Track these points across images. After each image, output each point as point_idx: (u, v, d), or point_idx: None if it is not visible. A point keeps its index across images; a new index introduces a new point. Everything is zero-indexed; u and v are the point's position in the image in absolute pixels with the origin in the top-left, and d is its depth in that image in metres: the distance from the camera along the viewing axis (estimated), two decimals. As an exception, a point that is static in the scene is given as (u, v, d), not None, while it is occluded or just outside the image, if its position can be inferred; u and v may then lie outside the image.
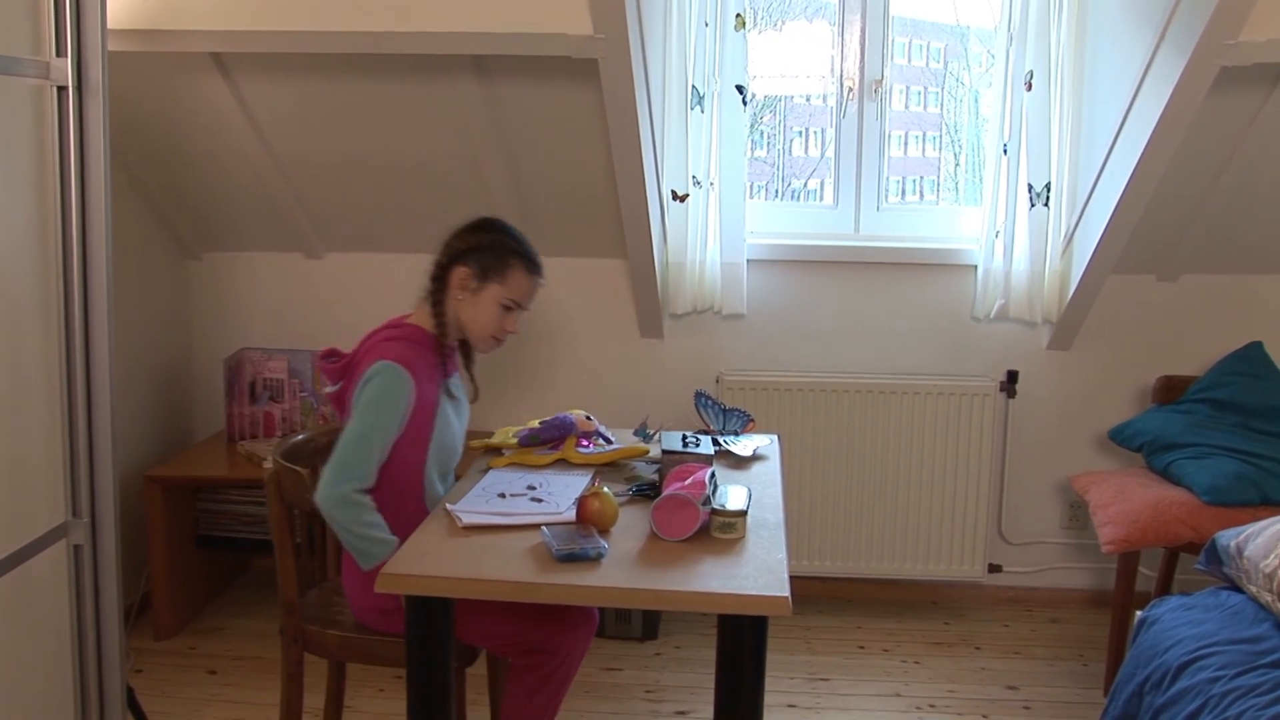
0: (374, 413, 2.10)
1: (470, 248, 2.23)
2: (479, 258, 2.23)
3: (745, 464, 2.47)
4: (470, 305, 2.25)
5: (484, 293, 2.24)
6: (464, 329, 2.29)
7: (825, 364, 3.55)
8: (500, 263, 2.24)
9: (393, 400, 2.11)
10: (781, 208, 3.64)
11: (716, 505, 1.97)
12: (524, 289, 2.27)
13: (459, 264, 2.24)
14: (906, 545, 3.51)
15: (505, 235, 2.27)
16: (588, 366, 3.64)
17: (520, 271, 2.26)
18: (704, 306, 3.48)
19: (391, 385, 2.12)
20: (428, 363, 2.20)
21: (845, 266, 3.51)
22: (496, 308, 2.25)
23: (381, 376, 2.12)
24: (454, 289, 2.25)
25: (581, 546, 1.84)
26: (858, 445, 3.46)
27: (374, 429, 2.10)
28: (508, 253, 2.25)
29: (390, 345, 2.18)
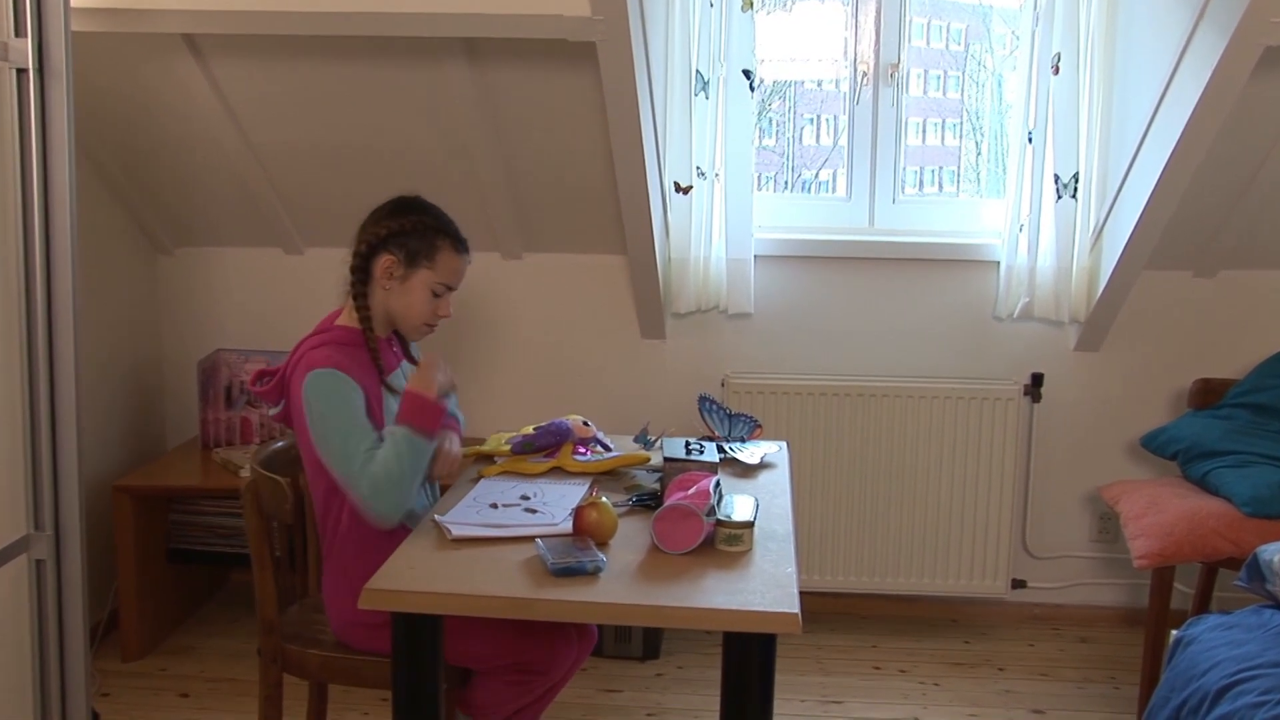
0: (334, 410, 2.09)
1: (392, 233, 2.22)
2: (403, 243, 2.22)
3: (752, 472, 2.46)
4: (399, 294, 2.24)
5: (413, 279, 2.23)
6: (393, 319, 2.28)
7: (837, 366, 3.55)
8: (427, 245, 2.22)
9: (342, 396, 2.10)
10: (791, 200, 3.63)
11: (721, 516, 1.97)
12: (453, 270, 2.26)
13: (382, 252, 2.22)
14: (924, 559, 3.50)
15: (427, 215, 2.25)
16: (585, 369, 3.63)
17: (449, 252, 2.24)
18: (708, 305, 3.47)
19: (332, 387, 2.11)
20: (361, 363, 2.19)
21: (859, 263, 3.51)
22: (427, 293, 2.24)
23: (317, 387, 2.11)
24: (379, 279, 2.23)
25: (578, 560, 1.83)
26: (872, 452, 3.46)
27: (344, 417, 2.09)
28: (433, 234, 2.23)
29: (317, 353, 2.16)
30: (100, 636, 3.36)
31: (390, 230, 2.22)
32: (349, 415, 2.10)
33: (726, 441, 2.62)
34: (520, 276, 3.57)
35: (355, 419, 2.11)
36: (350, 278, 2.25)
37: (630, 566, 1.88)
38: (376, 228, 2.24)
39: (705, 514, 1.94)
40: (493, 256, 3.55)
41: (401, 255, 2.22)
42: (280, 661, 2.26)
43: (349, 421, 2.10)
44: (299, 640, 2.29)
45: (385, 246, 2.22)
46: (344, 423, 2.09)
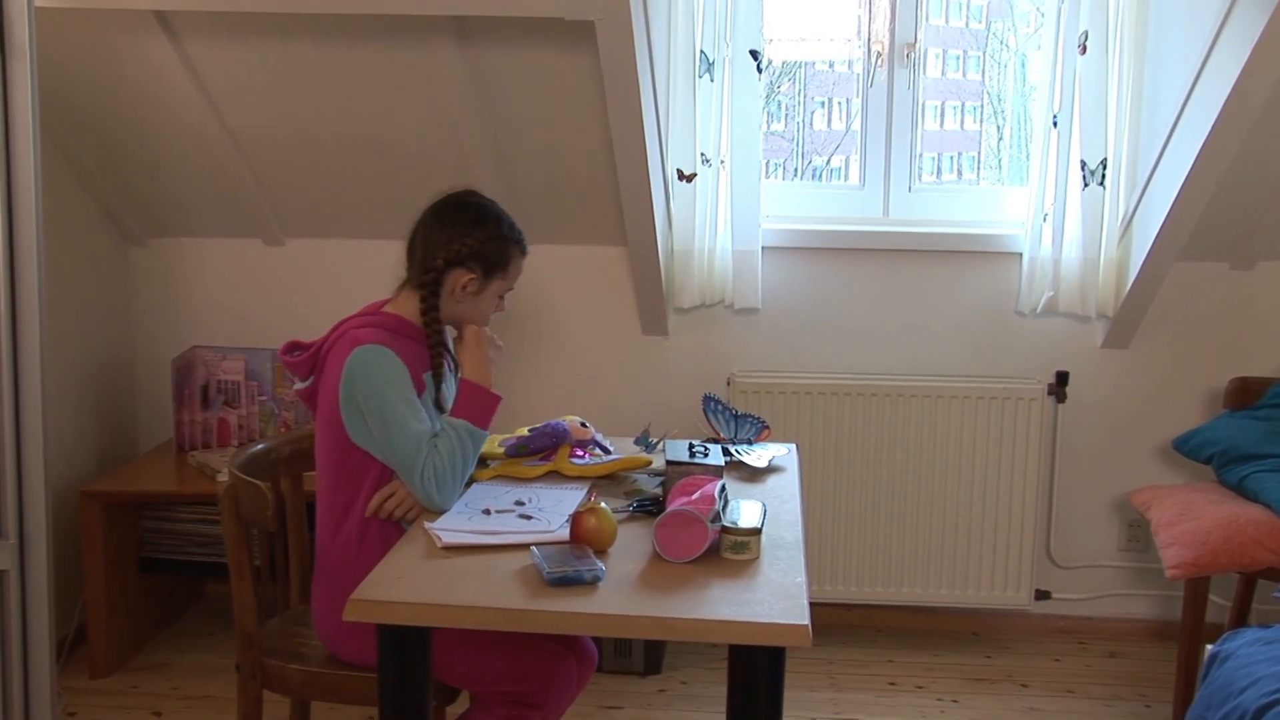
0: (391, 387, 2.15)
1: (472, 252, 2.26)
2: (481, 258, 2.28)
3: (759, 476, 2.46)
4: (471, 304, 2.30)
5: (487, 290, 2.30)
6: (454, 322, 2.33)
7: (850, 364, 3.54)
8: (503, 257, 2.30)
9: (397, 373, 2.16)
10: (801, 188, 3.63)
11: (727, 523, 1.96)
12: (519, 272, 2.35)
13: (459, 268, 2.26)
14: (943, 569, 3.49)
15: (502, 225, 2.31)
16: (583, 367, 3.63)
17: (518, 258, 2.33)
18: (713, 300, 3.46)
19: (383, 363, 2.16)
20: (411, 354, 2.22)
21: (873, 254, 3.50)
22: (494, 299, 2.32)
23: (369, 362, 2.15)
24: (455, 293, 2.28)
25: (576, 569, 1.83)
26: (887, 456, 3.45)
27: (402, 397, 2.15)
28: (507, 243, 2.30)
29: (365, 332, 2.21)
30: (67, 652, 3.35)
31: (470, 249, 2.26)
32: (407, 395, 2.16)
33: (732, 444, 2.61)
34: (514, 269, 3.57)
35: (413, 400, 2.17)
36: (421, 291, 2.28)
37: (631, 576, 1.87)
38: (456, 242, 2.26)
39: (710, 520, 1.93)
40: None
41: (479, 270, 2.28)
42: (260, 677, 2.26)
43: (409, 402, 2.16)
44: (280, 655, 2.28)
45: (463, 262, 2.27)
46: (404, 403, 2.15)
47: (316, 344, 2.28)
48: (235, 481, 2.23)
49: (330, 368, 2.20)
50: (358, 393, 2.15)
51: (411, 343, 2.25)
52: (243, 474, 2.25)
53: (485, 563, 1.93)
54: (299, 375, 2.28)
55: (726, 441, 2.63)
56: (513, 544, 1.99)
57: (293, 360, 2.28)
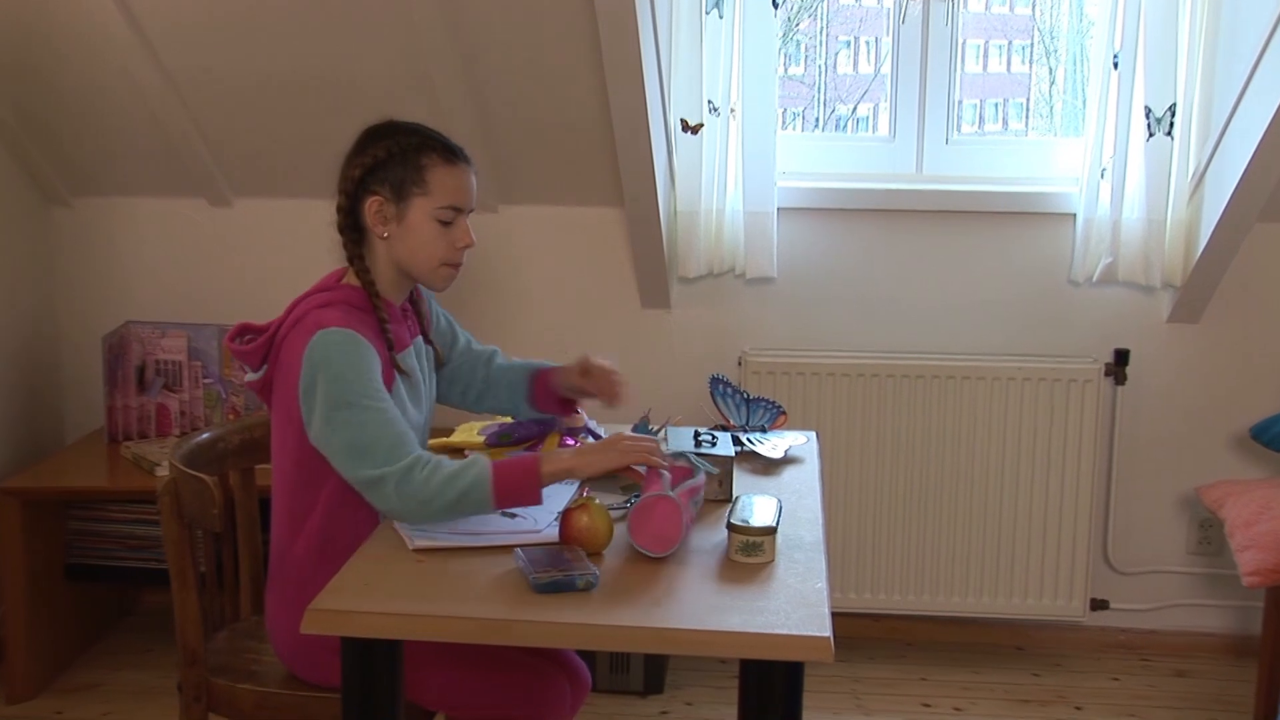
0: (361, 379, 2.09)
1: (368, 169, 2.22)
2: (383, 176, 2.22)
3: (775, 468, 2.47)
4: (401, 238, 2.23)
5: (410, 215, 2.22)
6: (408, 271, 2.27)
7: (878, 341, 3.55)
8: (411, 168, 2.21)
9: (368, 364, 2.11)
10: (823, 141, 3.62)
11: (737, 521, 1.97)
12: (454, 186, 2.24)
13: (364, 195, 2.22)
14: (984, 574, 3.51)
15: (400, 135, 2.24)
16: (573, 345, 3.63)
17: (441, 167, 2.23)
18: (723, 268, 3.47)
19: (350, 350, 2.10)
20: (371, 330, 2.19)
21: (904, 216, 3.50)
22: (433, 225, 2.23)
23: (333, 349, 2.10)
24: (373, 229, 2.23)
25: (566, 573, 1.84)
26: (920, 446, 3.46)
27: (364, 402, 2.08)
28: (414, 151, 2.22)
29: (327, 313, 2.16)
30: (-13, 670, 3.37)
31: (364, 167, 2.22)
32: (379, 390, 2.11)
33: (744, 432, 2.62)
34: (495, 234, 3.57)
35: (378, 396, 2.10)
36: (341, 239, 2.25)
37: (628, 581, 1.88)
38: (349, 170, 2.24)
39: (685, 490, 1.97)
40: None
41: (386, 191, 2.22)
42: (205, 700, 2.26)
43: (383, 399, 2.10)
44: (229, 673, 2.28)
45: (365, 187, 2.22)
46: (377, 400, 2.09)
47: (270, 328, 2.24)
48: (176, 476, 2.23)
49: (287, 356, 2.16)
50: (320, 386, 2.10)
51: (371, 319, 2.22)
52: (185, 467, 2.25)
53: (463, 567, 1.93)
54: (251, 364, 2.24)
55: (737, 429, 2.64)
56: (494, 545, 2.00)
57: (243, 348, 2.24)
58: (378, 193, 2.22)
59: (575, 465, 2.08)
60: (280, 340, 2.20)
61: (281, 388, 2.18)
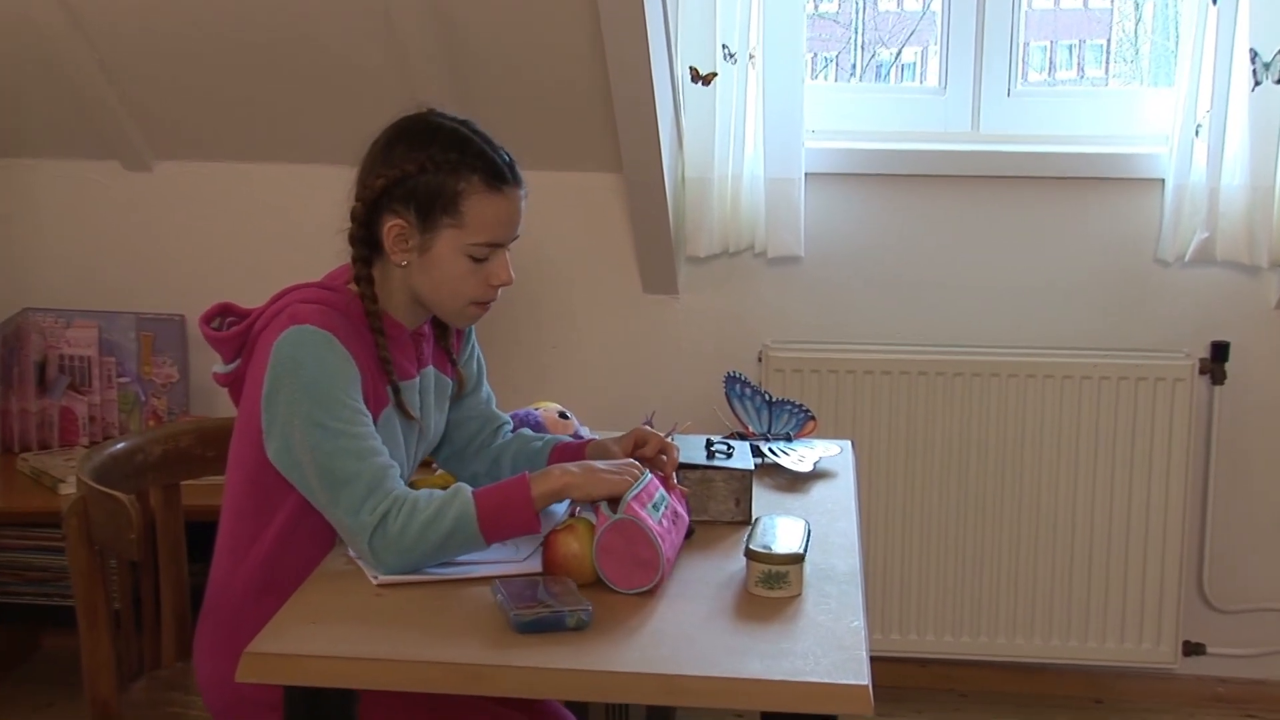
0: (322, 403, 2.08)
1: (392, 183, 2.16)
2: (409, 193, 2.16)
3: (802, 484, 2.48)
4: (422, 270, 2.19)
5: (436, 246, 2.18)
6: (426, 304, 2.25)
7: (925, 333, 3.56)
8: (444, 193, 2.16)
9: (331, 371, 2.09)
10: (860, 93, 3.63)
11: (758, 547, 1.98)
12: (495, 218, 2.19)
13: (384, 213, 2.18)
14: (1053, 612, 3.52)
15: (439, 145, 2.19)
16: (562, 337, 3.65)
17: (481, 195, 2.18)
18: (739, 245, 3.49)
19: (321, 354, 2.09)
20: (364, 345, 2.18)
21: (958, 183, 3.52)
22: (462, 261, 2.19)
23: (303, 348, 2.09)
24: (391, 253, 2.19)
25: (553, 609, 1.84)
26: (975, 457, 3.48)
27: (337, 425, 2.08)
28: (449, 172, 2.17)
29: (311, 309, 2.15)
30: None
31: (388, 179, 2.17)
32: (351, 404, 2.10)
33: (765, 440, 2.63)
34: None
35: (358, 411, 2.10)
36: (352, 252, 2.21)
37: (627, 618, 1.89)
38: (370, 176, 2.19)
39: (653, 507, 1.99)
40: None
41: (411, 214, 2.16)
42: (121, 758, 2.28)
43: (354, 414, 2.09)
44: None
45: (388, 204, 2.17)
46: (346, 414, 2.09)
47: (252, 314, 2.22)
48: (86, 494, 2.23)
49: (261, 352, 2.15)
50: (281, 392, 2.10)
51: (366, 333, 2.19)
52: (96, 483, 2.25)
53: (431, 602, 1.94)
54: (225, 354, 2.23)
55: (757, 437, 2.65)
56: (468, 578, 2.01)
57: (217, 333, 2.23)
58: (400, 215, 2.17)
59: (571, 483, 2.08)
60: (259, 331, 2.19)
61: (250, 388, 2.18)
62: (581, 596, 1.90)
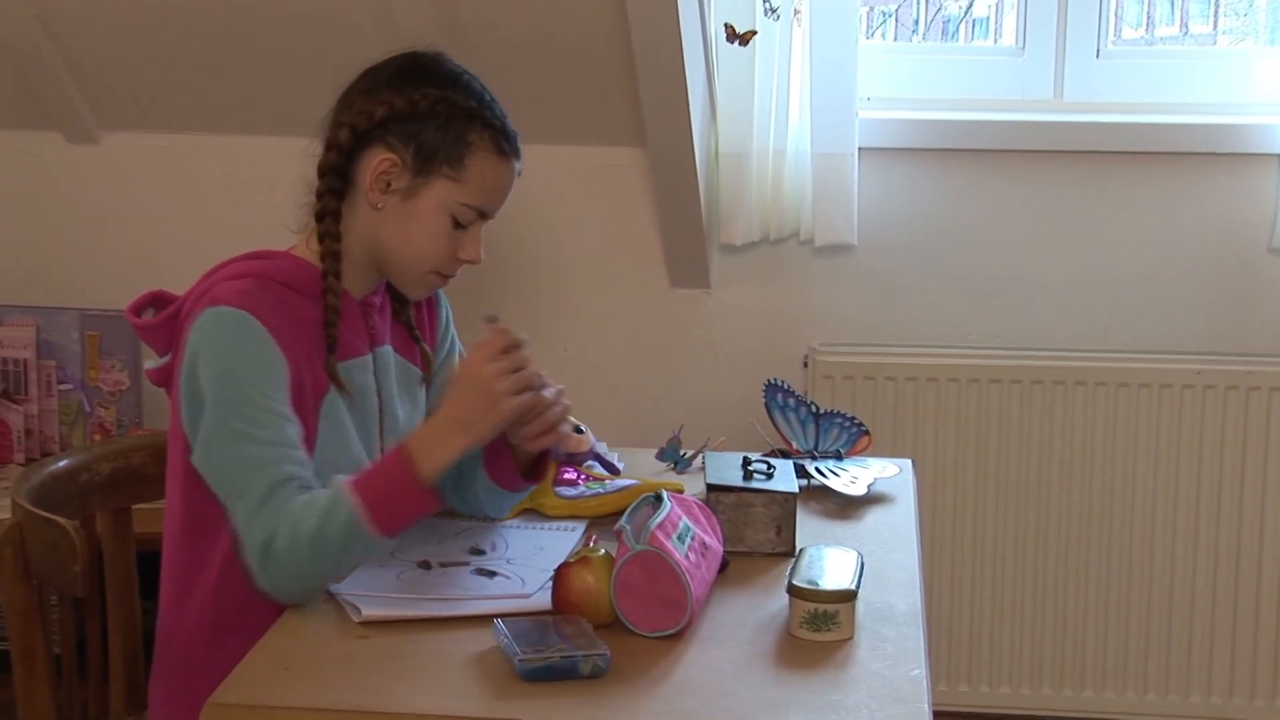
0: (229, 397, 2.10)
1: (396, 114, 2.21)
2: (413, 132, 2.21)
3: (854, 510, 2.49)
4: (398, 218, 2.24)
5: (424, 195, 2.23)
6: (385, 260, 2.29)
7: (998, 334, 3.57)
8: (454, 140, 2.22)
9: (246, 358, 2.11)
10: (923, 54, 3.64)
11: (802, 583, 1.99)
12: (494, 184, 2.27)
13: (376, 144, 2.22)
14: (1148, 661, 3.51)
15: (456, 89, 2.25)
16: (577, 338, 3.66)
17: (488, 154, 2.25)
18: (782, 232, 3.50)
19: (235, 339, 2.12)
20: (302, 321, 2.21)
21: (1037, 159, 3.52)
22: (444, 220, 2.25)
23: (215, 334, 2.12)
24: (369, 190, 2.23)
25: (565, 654, 1.85)
26: (1058, 479, 3.48)
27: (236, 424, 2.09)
28: (464, 120, 2.23)
29: (233, 286, 2.17)
30: None
31: (394, 109, 2.21)
32: (262, 395, 2.11)
33: (812, 459, 2.64)
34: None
35: (273, 402, 2.12)
36: (318, 182, 2.25)
37: (649, 663, 1.90)
38: (369, 101, 2.23)
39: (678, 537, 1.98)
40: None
41: (409, 153, 2.21)
42: (65, 828, 2.29)
43: (265, 407, 2.11)
44: (97, 792, 2.31)
45: (382, 136, 2.22)
46: (252, 406, 2.10)
47: (178, 301, 2.25)
48: (22, 519, 2.23)
49: (183, 343, 2.18)
50: (194, 388, 2.13)
51: (306, 303, 2.23)
52: (34, 507, 2.24)
53: (424, 644, 1.95)
54: (157, 348, 2.26)
55: (802, 455, 2.65)
56: (465, 616, 2.02)
57: (146, 323, 2.26)
58: (395, 150, 2.22)
59: (464, 441, 2.07)
60: (185, 317, 2.21)
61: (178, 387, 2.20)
62: (598, 639, 1.89)
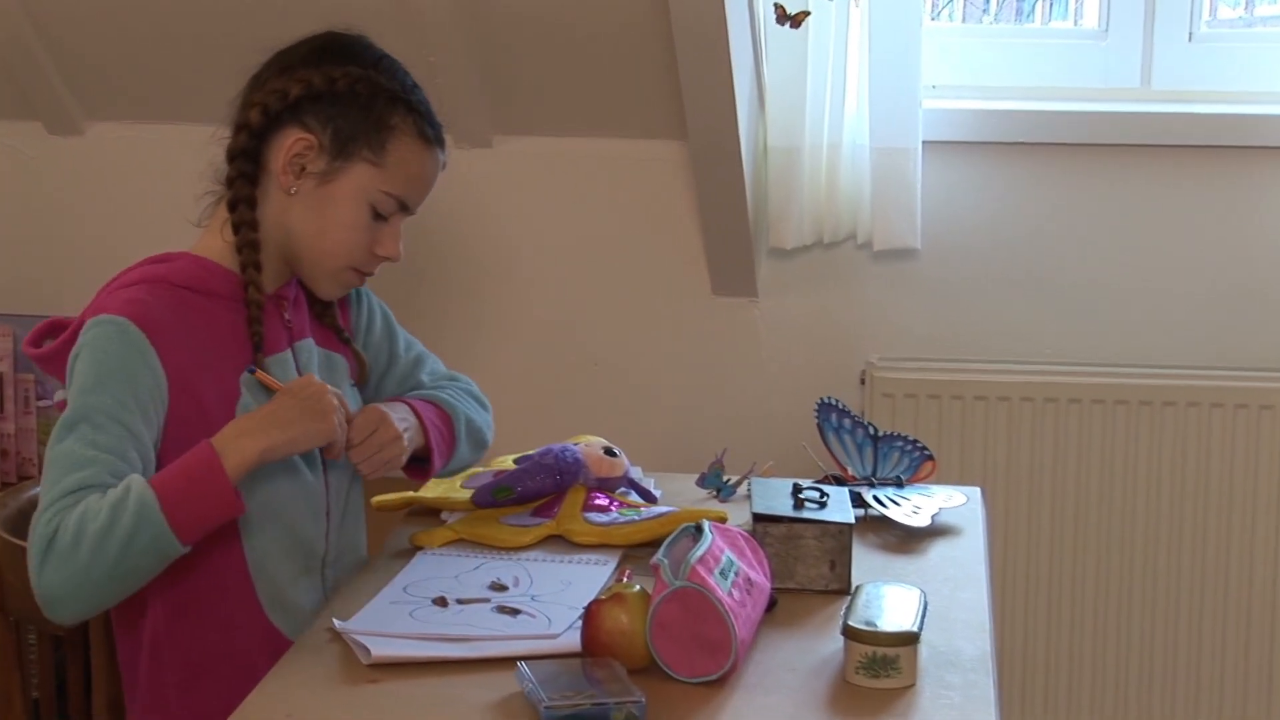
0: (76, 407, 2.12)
1: (312, 93, 2.25)
2: (330, 113, 2.26)
3: (916, 544, 2.49)
4: (313, 205, 2.28)
5: (341, 181, 2.27)
6: (295, 253, 2.32)
7: (1077, 349, 3.57)
8: (373, 122, 2.27)
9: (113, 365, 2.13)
10: (995, 38, 3.64)
11: (859, 624, 1.99)
12: (418, 171, 2.32)
13: (290, 125, 2.27)
14: (1246, 713, 3.52)
15: (379, 69, 2.31)
16: (610, 352, 3.67)
17: (410, 139, 2.30)
18: (837, 235, 3.51)
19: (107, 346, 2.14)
20: (205, 325, 2.24)
21: (1121, 154, 3.52)
22: (363, 210, 2.29)
23: (89, 346, 2.15)
24: (281, 173, 2.27)
25: (595, 700, 1.85)
26: (1144, 509, 3.48)
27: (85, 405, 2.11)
28: (386, 102, 2.28)
29: (125, 294, 2.20)
30: None
31: (311, 87, 2.26)
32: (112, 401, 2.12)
33: (870, 487, 2.64)
34: (488, 178, 3.60)
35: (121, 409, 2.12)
36: (228, 169, 2.28)
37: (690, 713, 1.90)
38: (283, 80, 2.27)
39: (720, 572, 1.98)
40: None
41: (327, 135, 2.26)
42: None
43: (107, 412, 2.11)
44: None
45: (297, 116, 2.26)
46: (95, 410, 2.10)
47: (75, 322, 2.26)
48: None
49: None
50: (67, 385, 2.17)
51: (212, 304, 2.26)
52: (12, 536, 2.27)
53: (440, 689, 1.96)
54: (55, 377, 2.27)
55: (859, 482, 2.66)
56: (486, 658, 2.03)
57: (44, 352, 2.28)
58: (311, 130, 2.26)
59: (275, 440, 2.11)
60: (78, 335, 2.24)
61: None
62: (632, 685, 1.90)
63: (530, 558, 2.40)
